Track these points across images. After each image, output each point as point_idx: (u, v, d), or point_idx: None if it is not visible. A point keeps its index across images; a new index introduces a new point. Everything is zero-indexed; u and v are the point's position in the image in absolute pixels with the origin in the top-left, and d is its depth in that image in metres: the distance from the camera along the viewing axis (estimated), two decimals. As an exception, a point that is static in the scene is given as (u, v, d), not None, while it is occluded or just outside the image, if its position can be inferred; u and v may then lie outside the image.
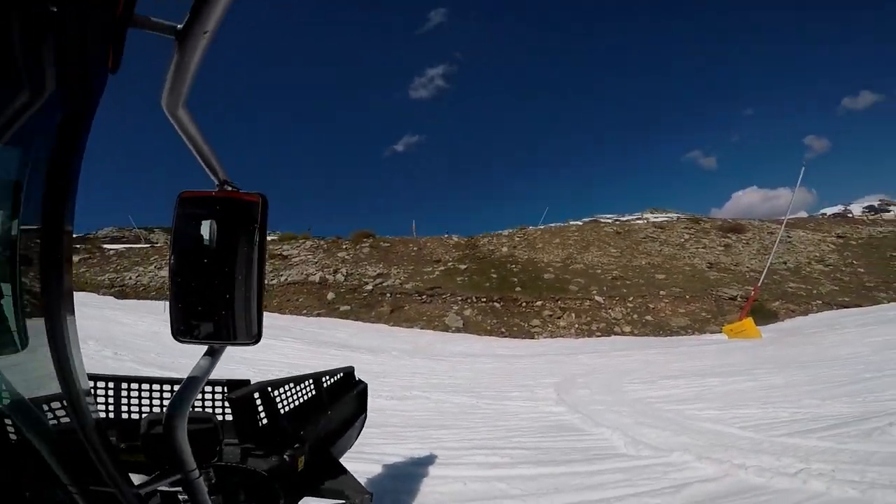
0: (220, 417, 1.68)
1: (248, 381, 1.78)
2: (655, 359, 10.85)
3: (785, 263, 25.28)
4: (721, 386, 6.71)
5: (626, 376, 8.55)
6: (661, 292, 22.27)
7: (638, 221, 37.45)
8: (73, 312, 0.60)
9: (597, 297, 21.57)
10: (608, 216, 41.89)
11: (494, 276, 24.30)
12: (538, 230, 33.40)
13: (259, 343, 0.78)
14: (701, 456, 3.40)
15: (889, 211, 54.93)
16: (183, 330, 0.76)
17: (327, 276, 23.35)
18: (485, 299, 21.09)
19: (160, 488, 0.97)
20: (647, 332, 18.26)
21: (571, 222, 38.33)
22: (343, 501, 1.66)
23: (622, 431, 4.41)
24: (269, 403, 1.69)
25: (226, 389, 1.75)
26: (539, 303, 20.84)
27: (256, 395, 1.66)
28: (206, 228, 0.74)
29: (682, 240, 30.35)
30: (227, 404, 1.71)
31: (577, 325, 18.87)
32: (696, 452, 3.50)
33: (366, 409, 2.34)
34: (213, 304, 0.74)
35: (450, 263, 26.21)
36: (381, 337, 16.28)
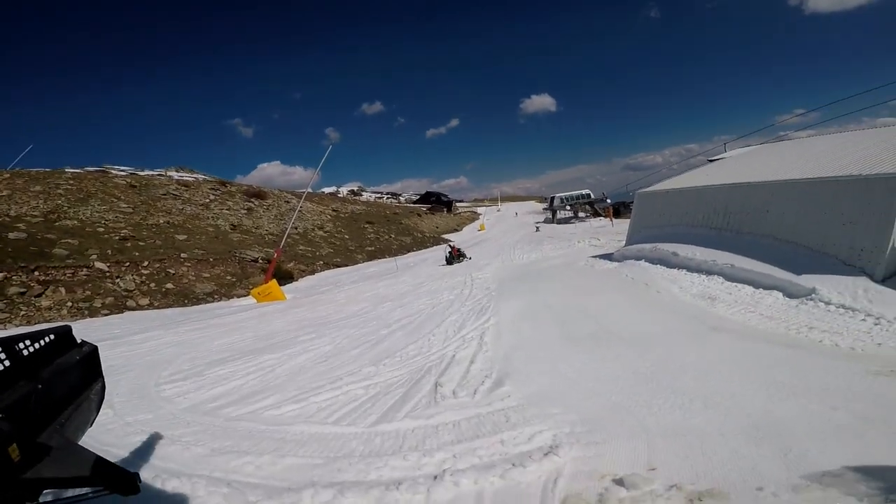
0: None
1: None
2: (192, 338, 9.36)
3: (297, 229, 29.15)
4: (280, 364, 6.38)
5: (161, 371, 6.73)
6: (183, 255, 20.17)
7: (160, 177, 32.35)
8: None
9: (98, 264, 16.74)
10: (122, 168, 33.70)
11: None
12: (7, 173, 22.29)
13: None
14: (333, 486, 2.74)
15: (362, 195, 77.93)
16: None
17: None
18: None
19: None
20: (171, 303, 15.96)
21: (69, 169, 28.02)
22: (100, 489, 1.43)
23: (206, 477, 3.06)
24: None
25: None
26: (-3, 275, 13.77)
27: None
28: None
29: (208, 200, 28.92)
30: None
31: (70, 304, 13.83)
32: (325, 481, 2.81)
33: (101, 376, 2.08)
34: None
35: None
36: None
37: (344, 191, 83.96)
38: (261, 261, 21.77)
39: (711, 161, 17.04)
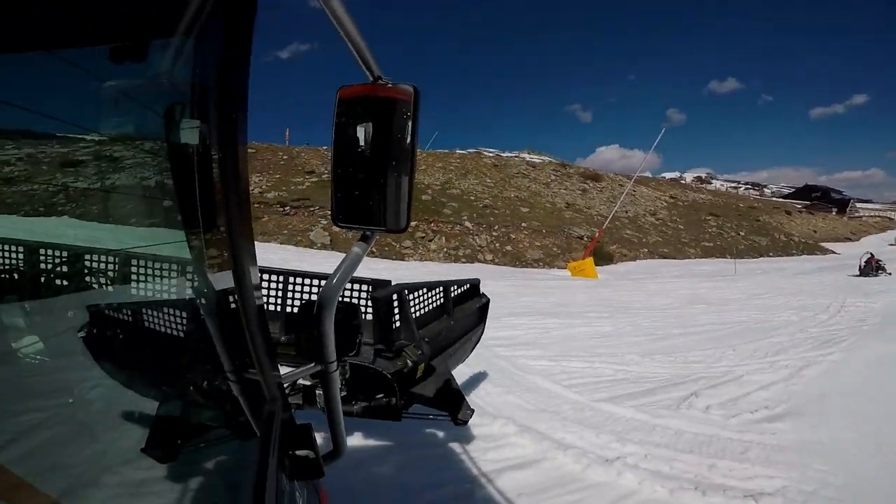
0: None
1: (389, 282, 1.74)
2: (506, 292, 11.23)
3: (626, 213, 28.68)
4: (558, 329, 6.95)
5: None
6: (523, 224, 23.58)
7: (515, 158, 38.60)
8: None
9: (467, 223, 21.94)
10: (490, 150, 42.29)
11: (368, 189, 23.07)
12: (423, 153, 32.47)
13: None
14: (523, 427, 3.13)
15: (711, 183, 67.69)
16: (342, 217, 0.78)
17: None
18: (354, 213, 19.94)
19: (301, 381, 1.26)
20: (506, 262, 19.31)
21: (457, 151, 37.84)
22: (444, 413, 1.65)
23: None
24: (404, 307, 1.63)
25: (370, 288, 1.75)
26: (413, 223, 20.40)
27: (395, 296, 1.60)
28: (363, 126, 0.73)
29: (549, 180, 32.29)
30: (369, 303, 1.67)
31: (445, 250, 19.05)
32: (520, 421, 3.23)
33: (484, 323, 2.38)
34: (367, 194, 0.74)
35: (325, 175, 23.97)
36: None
37: (689, 177, 74.38)
38: (585, 238, 22.88)
39: None
